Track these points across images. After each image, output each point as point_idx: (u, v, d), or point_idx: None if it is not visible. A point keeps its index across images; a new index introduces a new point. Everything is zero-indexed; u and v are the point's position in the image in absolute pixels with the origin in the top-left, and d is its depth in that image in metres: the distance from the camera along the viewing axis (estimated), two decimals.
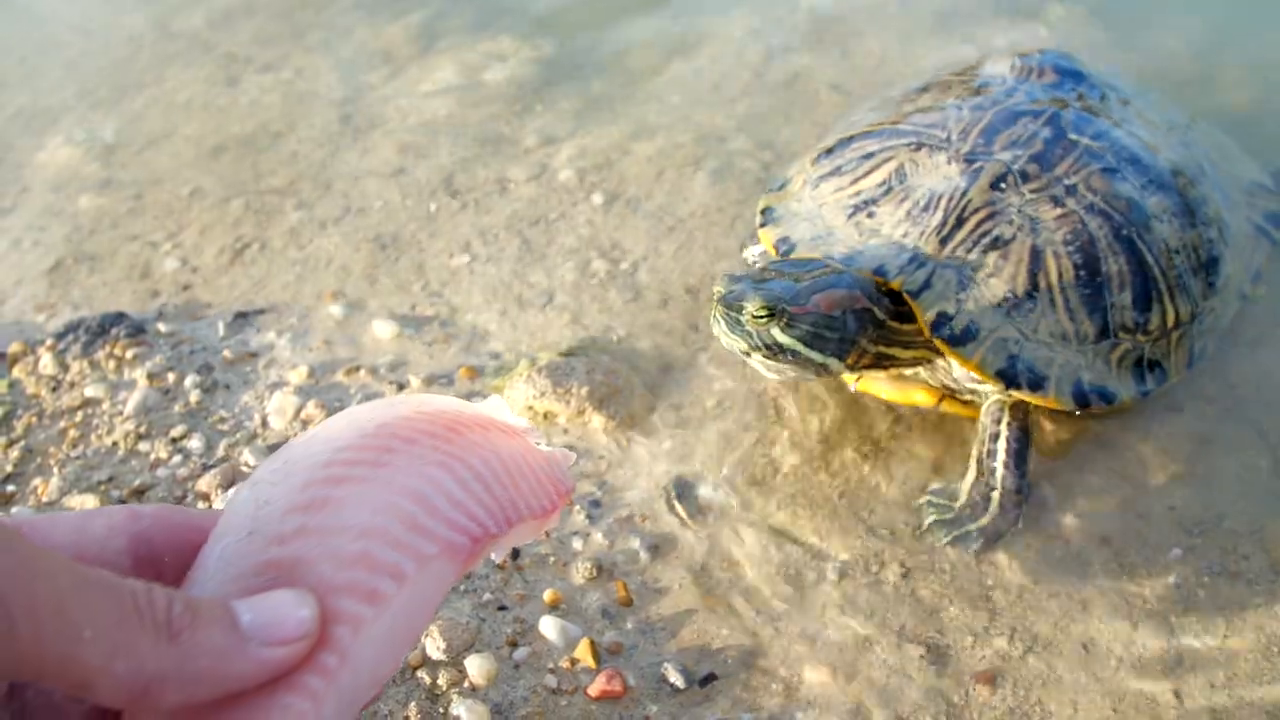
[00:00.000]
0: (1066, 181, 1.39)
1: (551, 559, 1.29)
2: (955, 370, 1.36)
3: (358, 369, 1.57)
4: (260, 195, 1.97)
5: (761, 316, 1.24)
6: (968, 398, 1.39)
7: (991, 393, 1.35)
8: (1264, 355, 1.52)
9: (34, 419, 1.50)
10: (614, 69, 2.27)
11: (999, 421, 1.33)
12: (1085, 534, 1.31)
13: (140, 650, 0.46)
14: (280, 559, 0.55)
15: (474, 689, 1.15)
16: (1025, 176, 1.39)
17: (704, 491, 1.37)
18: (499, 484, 0.63)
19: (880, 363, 1.37)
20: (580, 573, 1.27)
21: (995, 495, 1.31)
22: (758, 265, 1.36)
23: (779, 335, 1.26)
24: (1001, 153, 1.42)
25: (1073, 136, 1.45)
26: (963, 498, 1.33)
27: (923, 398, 1.42)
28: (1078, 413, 1.36)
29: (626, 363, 1.54)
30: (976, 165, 1.40)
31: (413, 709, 1.12)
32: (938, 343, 1.30)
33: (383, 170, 2.00)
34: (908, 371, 1.41)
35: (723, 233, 1.78)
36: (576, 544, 1.31)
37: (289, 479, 0.59)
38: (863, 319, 1.30)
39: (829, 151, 1.54)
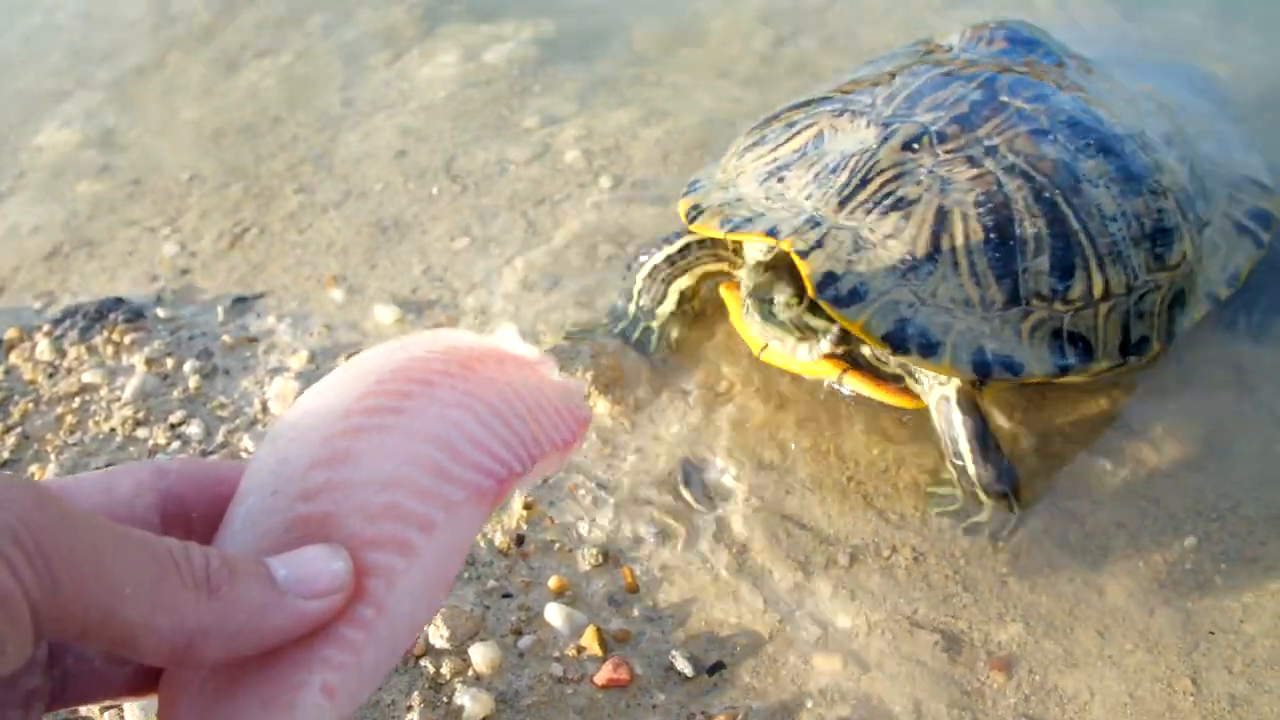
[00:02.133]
0: (988, 142, 1.30)
1: (557, 545, 1.27)
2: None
3: (359, 353, 1.54)
4: (260, 179, 1.95)
5: (794, 303, 1.26)
6: (892, 370, 1.34)
7: (931, 386, 1.30)
8: (1276, 337, 1.50)
9: (30, 405, 1.48)
10: (619, 51, 2.24)
11: (949, 417, 1.28)
12: (1100, 519, 1.29)
13: (181, 606, 0.47)
14: (308, 515, 0.55)
15: (478, 678, 1.13)
16: (943, 137, 1.31)
17: (712, 476, 1.35)
18: (519, 420, 0.61)
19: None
20: (586, 559, 1.25)
21: (979, 493, 1.27)
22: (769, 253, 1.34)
23: (810, 320, 1.27)
24: (923, 115, 1.34)
25: (1004, 99, 1.36)
26: (958, 493, 1.30)
27: (825, 369, 1.35)
28: (979, 384, 1.29)
29: (633, 346, 1.51)
30: (892, 128, 1.33)
31: (416, 698, 1.10)
32: (823, 304, 1.24)
33: (384, 153, 1.98)
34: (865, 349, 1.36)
35: None
36: (582, 529, 1.29)
37: (308, 433, 0.58)
38: None
39: (760, 125, 1.49)
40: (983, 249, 1.24)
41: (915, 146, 1.30)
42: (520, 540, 1.27)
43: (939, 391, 1.29)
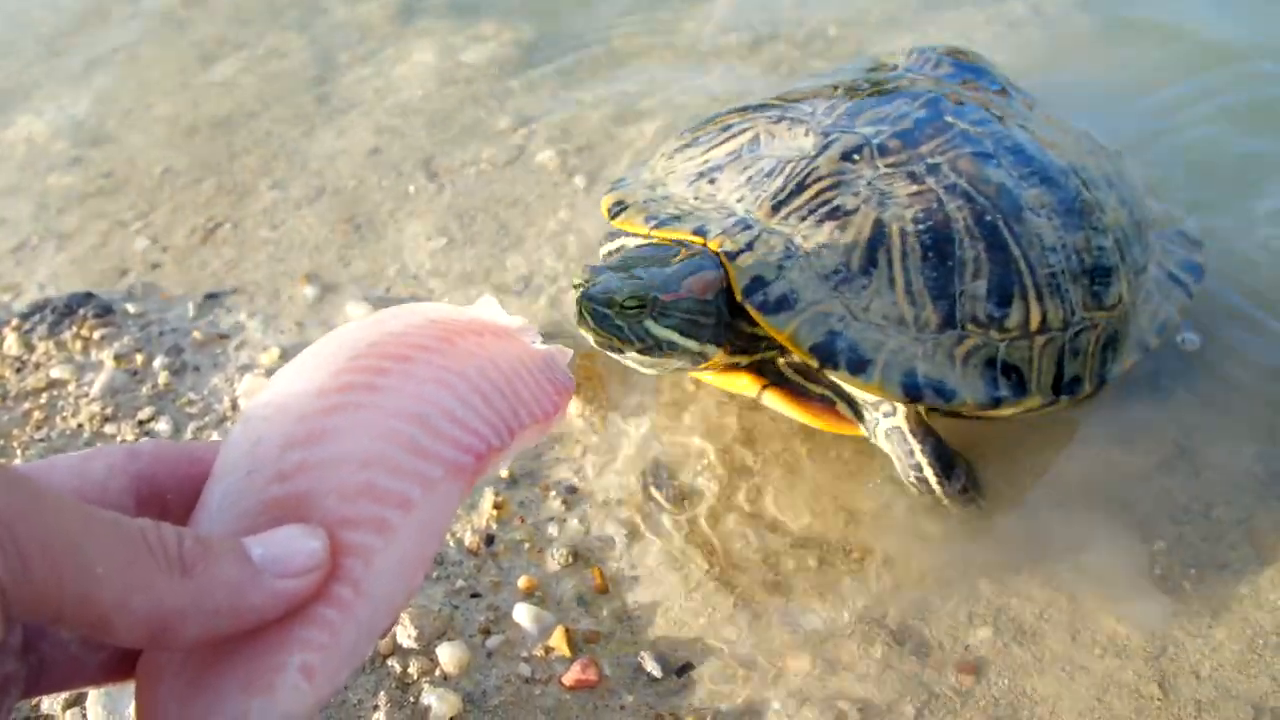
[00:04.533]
0: (930, 160, 1.26)
1: (526, 545, 1.27)
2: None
3: (334, 329, 1.53)
4: (233, 174, 1.93)
5: (632, 308, 1.14)
6: (819, 390, 1.29)
7: (877, 420, 1.26)
8: (1248, 343, 1.50)
9: None
10: (596, 51, 2.24)
11: (907, 447, 1.25)
12: (1070, 523, 1.29)
13: (156, 585, 0.46)
14: (284, 496, 0.54)
15: (445, 678, 1.12)
16: (884, 150, 1.26)
17: (683, 477, 1.34)
18: (498, 393, 0.61)
19: (753, 346, 1.27)
20: (556, 559, 1.25)
21: (946, 503, 1.27)
22: (614, 256, 1.29)
23: (653, 327, 1.16)
24: (864, 127, 1.30)
25: (949, 119, 1.32)
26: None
27: (746, 384, 1.30)
28: (915, 407, 1.24)
29: None
30: (832, 137, 1.28)
31: (382, 698, 1.09)
32: (749, 309, 1.18)
33: (358, 150, 1.97)
34: (781, 361, 1.30)
35: None
36: (552, 530, 1.28)
37: (283, 412, 0.57)
38: (734, 302, 1.21)
39: (694, 128, 1.43)
40: (920, 267, 1.20)
41: (855, 157, 1.26)
42: (490, 540, 1.27)
43: (888, 423, 1.26)
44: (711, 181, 1.31)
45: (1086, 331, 1.28)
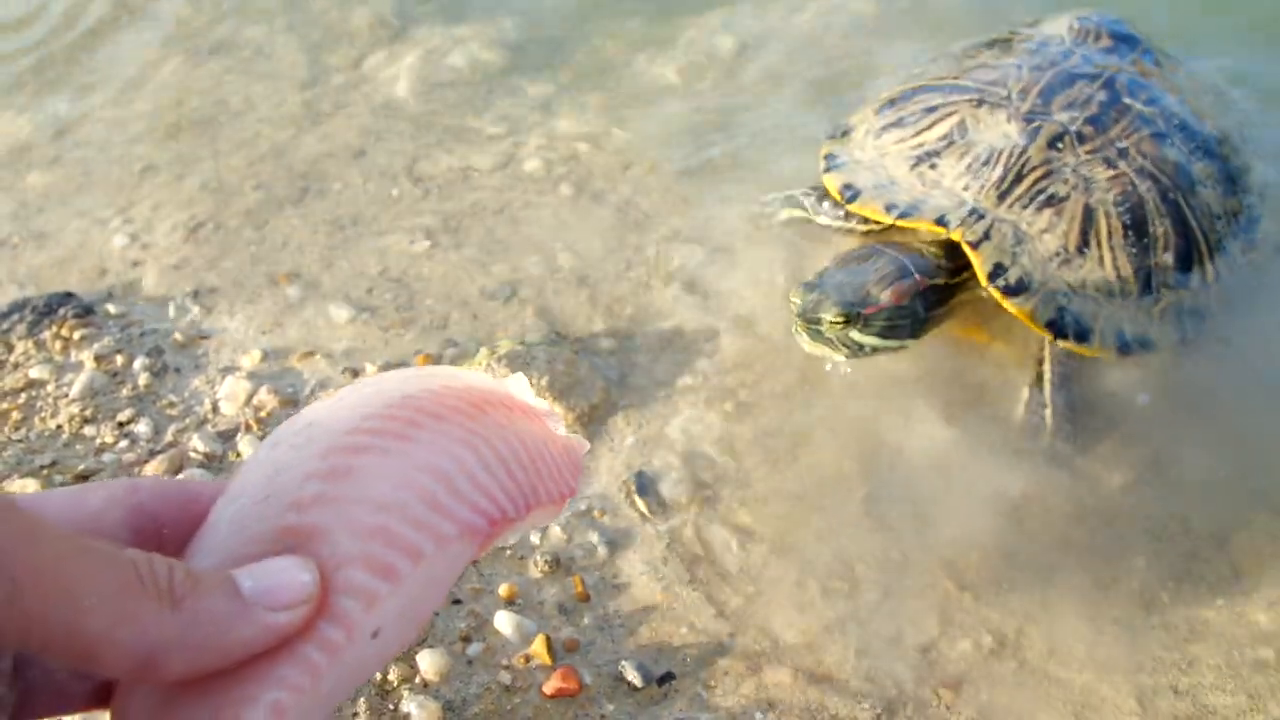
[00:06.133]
0: (1119, 144, 1.48)
1: (507, 552, 1.26)
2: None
3: (312, 354, 1.53)
4: (216, 174, 1.92)
5: (839, 323, 1.32)
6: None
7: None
8: (1226, 356, 1.51)
9: None
10: (584, 60, 2.24)
11: (1050, 352, 1.43)
12: (1050, 537, 1.29)
13: (143, 618, 0.45)
14: (297, 526, 0.53)
15: (425, 685, 1.12)
16: (1081, 138, 1.48)
17: (665, 487, 1.34)
18: (520, 467, 0.61)
19: (941, 322, 1.47)
20: (537, 567, 1.24)
21: (1047, 413, 1.40)
22: (824, 271, 1.43)
23: (858, 336, 1.35)
24: (1059, 114, 1.51)
25: (1127, 101, 1.54)
26: (1020, 414, 1.42)
27: (979, 336, 1.51)
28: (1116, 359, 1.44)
29: (589, 355, 1.51)
30: (1035, 125, 1.49)
31: (362, 705, 1.09)
32: (992, 292, 1.39)
33: (344, 153, 1.96)
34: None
35: (690, 227, 1.75)
36: (533, 537, 1.28)
37: (311, 444, 0.56)
38: (928, 298, 1.40)
39: (892, 102, 1.63)
40: (1123, 245, 1.43)
41: (1059, 145, 1.47)
42: None
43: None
44: (933, 167, 1.51)
45: (1245, 272, 1.55)
